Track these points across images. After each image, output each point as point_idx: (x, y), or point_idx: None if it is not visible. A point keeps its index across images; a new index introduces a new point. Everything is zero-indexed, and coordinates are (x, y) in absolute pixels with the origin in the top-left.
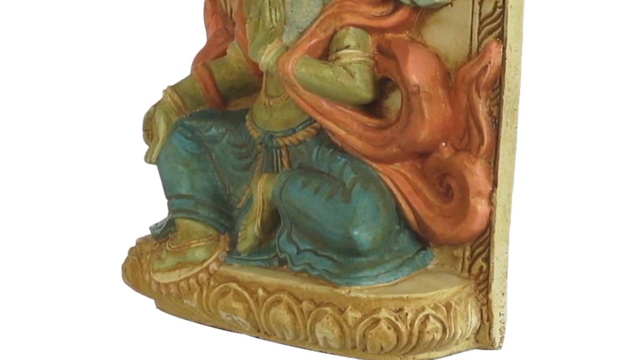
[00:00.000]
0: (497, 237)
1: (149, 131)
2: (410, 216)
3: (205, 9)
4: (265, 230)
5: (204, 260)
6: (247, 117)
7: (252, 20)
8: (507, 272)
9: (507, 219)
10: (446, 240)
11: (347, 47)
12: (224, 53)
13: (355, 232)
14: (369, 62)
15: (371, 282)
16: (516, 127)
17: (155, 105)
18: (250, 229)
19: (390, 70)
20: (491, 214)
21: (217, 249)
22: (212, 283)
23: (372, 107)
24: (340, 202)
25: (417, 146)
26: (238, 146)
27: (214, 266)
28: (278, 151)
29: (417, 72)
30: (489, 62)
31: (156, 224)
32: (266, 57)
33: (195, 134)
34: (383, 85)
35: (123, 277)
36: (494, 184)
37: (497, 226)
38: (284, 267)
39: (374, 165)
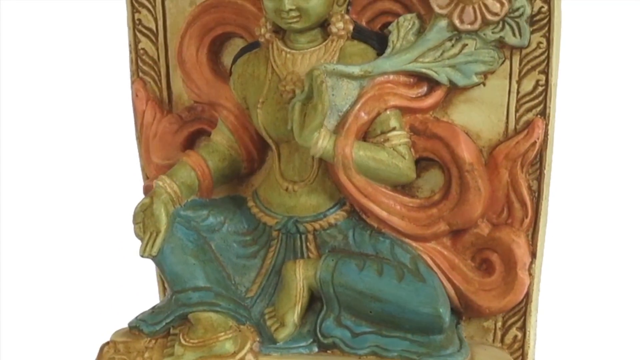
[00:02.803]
0: (533, 306)
1: (141, 224)
2: (451, 292)
3: (136, 95)
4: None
5: (235, 353)
6: (251, 204)
7: (298, 104)
8: (536, 338)
9: (539, 288)
10: (492, 312)
11: (394, 128)
12: (187, 142)
13: (442, 310)
14: (409, 143)
15: (461, 358)
16: (549, 199)
17: (150, 196)
18: (289, 317)
19: (434, 150)
20: (530, 284)
21: (246, 340)
22: None
23: (406, 188)
24: (416, 282)
25: (471, 223)
26: (241, 234)
27: (250, 357)
28: (303, 236)
29: (469, 150)
30: (538, 139)
31: (144, 320)
32: (323, 141)
33: (191, 224)
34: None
35: None
36: (533, 256)
37: (533, 296)
38: (329, 352)
39: (414, 244)
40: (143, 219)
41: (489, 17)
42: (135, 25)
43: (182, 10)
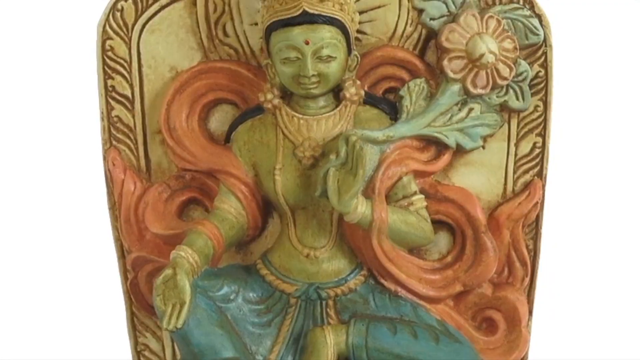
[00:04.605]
0: None
1: (161, 295)
2: None
3: (112, 164)
4: None
5: None
6: (264, 272)
7: (332, 170)
8: None
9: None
10: None
11: (415, 192)
12: (179, 210)
13: None
14: (427, 206)
15: None
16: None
17: (172, 267)
18: None
19: (447, 212)
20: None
21: None
22: None
23: (414, 251)
24: (453, 344)
25: (484, 282)
26: (254, 302)
27: None
28: (324, 302)
29: (482, 212)
30: (539, 200)
31: None
32: (361, 207)
33: (207, 295)
34: None
35: None
36: (530, 313)
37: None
38: None
39: (427, 306)
40: (164, 290)
41: (499, 81)
42: (108, 92)
43: (161, 76)
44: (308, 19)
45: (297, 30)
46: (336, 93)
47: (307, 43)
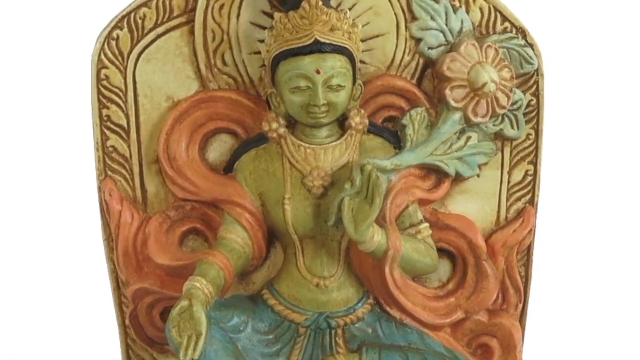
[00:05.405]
0: None
1: (177, 327)
2: None
3: (109, 195)
4: None
5: None
6: (272, 301)
7: (347, 199)
8: None
9: None
10: None
11: (421, 221)
12: (180, 240)
13: None
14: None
15: None
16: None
17: (188, 299)
18: None
19: (448, 240)
20: None
21: None
22: None
23: (415, 278)
24: None
25: (484, 309)
26: (262, 333)
27: None
28: (333, 331)
29: (483, 240)
30: (533, 227)
31: None
32: (377, 235)
33: (219, 326)
34: None
35: None
36: (522, 339)
37: None
38: None
39: (430, 333)
40: (179, 322)
41: (497, 110)
42: (103, 122)
43: (157, 106)
44: (318, 47)
45: (308, 59)
46: (340, 122)
47: (318, 72)
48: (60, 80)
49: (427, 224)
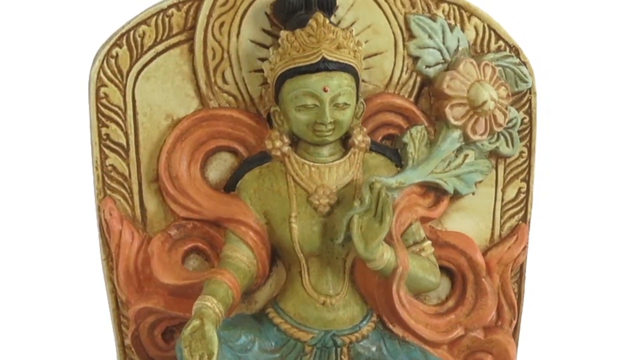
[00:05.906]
0: None
1: (189, 347)
2: None
3: (110, 214)
4: None
5: None
6: (278, 320)
7: (356, 217)
8: None
9: None
10: None
11: (424, 238)
12: (182, 259)
13: None
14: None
15: None
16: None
17: (199, 318)
18: None
19: (448, 257)
20: None
21: None
22: None
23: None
24: None
25: (483, 326)
26: (270, 351)
27: None
28: (339, 350)
29: (482, 257)
30: (527, 244)
31: None
32: (387, 253)
33: (228, 345)
34: None
35: None
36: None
37: None
38: None
39: (430, 350)
40: (190, 342)
41: (495, 127)
42: (102, 140)
43: (157, 124)
44: (325, 66)
45: (315, 78)
46: (342, 140)
47: (325, 90)
48: (59, 98)
49: (429, 242)
